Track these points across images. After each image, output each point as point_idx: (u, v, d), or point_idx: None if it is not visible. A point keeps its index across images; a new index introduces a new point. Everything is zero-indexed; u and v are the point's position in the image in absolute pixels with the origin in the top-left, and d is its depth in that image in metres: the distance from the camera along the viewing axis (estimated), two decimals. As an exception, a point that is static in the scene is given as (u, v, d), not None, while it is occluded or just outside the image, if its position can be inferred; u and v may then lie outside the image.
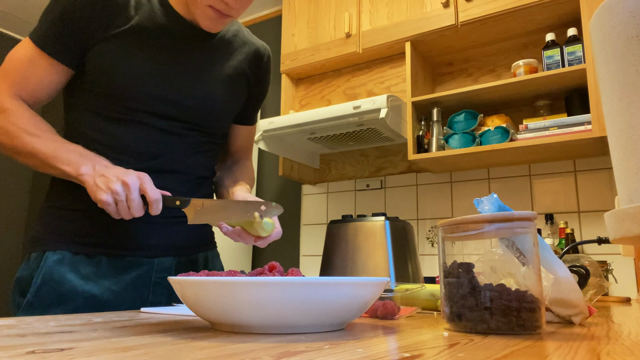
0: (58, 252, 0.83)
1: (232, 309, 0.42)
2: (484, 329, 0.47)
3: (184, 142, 0.90)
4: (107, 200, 0.72)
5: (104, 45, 0.83)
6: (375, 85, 2.20)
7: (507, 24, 1.88)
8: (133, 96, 0.84)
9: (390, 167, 2.33)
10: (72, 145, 0.79)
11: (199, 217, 0.78)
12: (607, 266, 1.57)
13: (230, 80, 0.97)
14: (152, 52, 0.86)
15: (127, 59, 0.83)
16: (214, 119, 0.94)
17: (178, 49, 0.89)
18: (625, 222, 0.35)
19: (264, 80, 1.07)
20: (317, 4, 2.32)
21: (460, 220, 0.51)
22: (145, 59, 0.85)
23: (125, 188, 0.72)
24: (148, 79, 0.85)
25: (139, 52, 0.84)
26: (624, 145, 0.36)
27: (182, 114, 0.89)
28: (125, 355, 0.31)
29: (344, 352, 0.34)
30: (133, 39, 0.84)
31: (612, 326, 0.56)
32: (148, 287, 0.88)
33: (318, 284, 0.42)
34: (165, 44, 0.87)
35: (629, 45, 0.36)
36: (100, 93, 0.85)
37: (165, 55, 0.87)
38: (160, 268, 0.89)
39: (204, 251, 0.99)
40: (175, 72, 0.88)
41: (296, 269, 0.55)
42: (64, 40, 0.82)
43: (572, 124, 1.65)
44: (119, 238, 0.85)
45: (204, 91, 0.91)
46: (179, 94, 0.88)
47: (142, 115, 0.85)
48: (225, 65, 0.96)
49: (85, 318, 0.56)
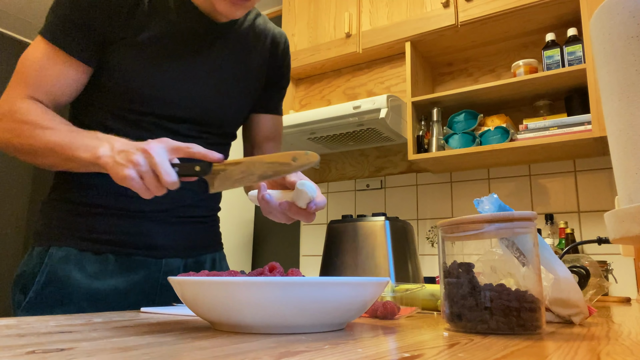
0: (63, 248, 0.80)
1: (232, 309, 0.42)
2: (484, 329, 0.47)
3: (200, 144, 0.87)
4: (129, 175, 0.62)
5: (119, 44, 0.80)
6: (375, 85, 2.20)
7: (507, 24, 1.88)
8: (146, 101, 0.82)
9: (390, 167, 2.33)
10: (88, 132, 0.72)
11: (223, 183, 0.66)
12: (607, 266, 1.57)
13: (246, 78, 0.94)
14: (167, 56, 0.83)
15: (141, 63, 0.81)
16: (230, 120, 0.93)
17: (193, 50, 0.86)
18: (625, 222, 0.35)
19: (283, 69, 1.03)
20: (317, 4, 2.32)
21: (460, 220, 0.51)
22: (159, 64, 0.82)
23: (146, 155, 0.62)
24: (161, 85, 0.82)
25: (154, 57, 0.81)
26: (624, 145, 0.36)
27: (197, 117, 0.87)
28: (125, 355, 0.31)
29: (344, 352, 0.34)
30: (148, 41, 0.81)
31: (612, 326, 0.56)
32: (155, 289, 0.86)
33: (318, 284, 0.42)
34: (180, 46, 0.84)
35: (629, 45, 0.36)
36: (111, 94, 0.82)
37: (180, 59, 0.84)
38: (167, 269, 0.88)
39: (212, 252, 0.97)
40: (189, 78, 0.85)
41: (296, 269, 0.55)
42: (78, 34, 0.77)
43: (572, 124, 1.65)
44: (127, 235, 0.83)
45: (220, 93, 0.89)
46: (193, 99, 0.86)
47: (154, 119, 0.83)
48: (241, 62, 0.93)
49: (85, 318, 0.56)
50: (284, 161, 0.64)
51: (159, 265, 0.87)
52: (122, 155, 0.63)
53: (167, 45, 0.83)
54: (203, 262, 0.94)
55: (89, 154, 0.67)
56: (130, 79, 0.80)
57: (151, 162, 0.62)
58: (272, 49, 0.99)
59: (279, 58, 1.01)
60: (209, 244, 0.96)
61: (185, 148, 0.65)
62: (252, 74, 0.95)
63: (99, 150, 0.66)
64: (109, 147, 0.66)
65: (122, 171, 0.62)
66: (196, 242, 0.92)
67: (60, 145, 0.70)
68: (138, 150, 0.63)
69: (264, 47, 0.97)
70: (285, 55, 1.03)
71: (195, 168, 0.65)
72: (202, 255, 0.95)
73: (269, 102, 1.03)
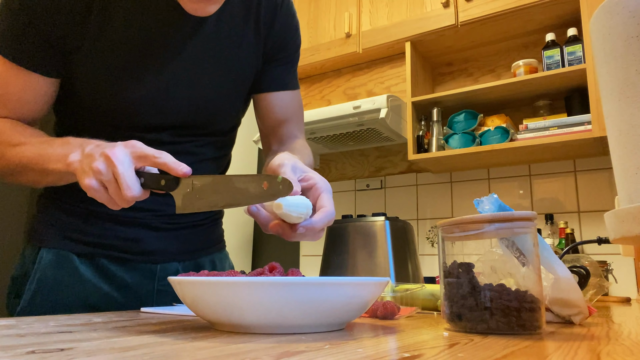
0: (54, 250, 0.76)
1: (232, 309, 0.42)
2: (484, 329, 0.47)
3: (190, 148, 0.80)
4: (90, 185, 0.54)
5: (78, 54, 0.70)
6: (375, 85, 2.20)
7: (507, 24, 1.88)
8: (118, 115, 0.73)
9: (390, 167, 2.33)
10: (60, 139, 0.65)
11: (190, 204, 0.57)
12: (607, 266, 1.57)
13: (234, 65, 0.80)
14: (134, 61, 0.72)
15: (104, 74, 0.71)
16: (219, 119, 0.83)
17: (164, 48, 0.73)
18: (625, 222, 0.35)
19: (287, 34, 0.85)
20: (317, 4, 2.32)
21: (460, 220, 0.51)
22: (125, 72, 0.72)
23: (108, 163, 0.54)
24: (131, 96, 0.73)
25: (117, 65, 0.71)
26: (624, 145, 0.36)
27: (178, 123, 0.78)
28: (125, 355, 0.31)
29: (344, 352, 0.34)
30: (110, 47, 0.70)
31: (612, 326, 0.56)
32: (152, 295, 0.82)
33: (318, 284, 0.42)
34: (149, 47, 0.72)
35: (629, 45, 0.36)
36: (80, 109, 0.74)
37: (150, 61, 0.73)
38: (163, 275, 0.83)
39: (211, 254, 0.91)
40: (163, 81, 0.74)
41: (296, 269, 0.55)
42: (33, 47, 0.68)
43: (572, 124, 1.65)
44: (120, 240, 0.79)
45: (203, 91, 0.78)
46: (171, 105, 0.76)
47: (130, 132, 0.74)
48: (226, 48, 0.78)
49: (85, 318, 0.56)
50: (254, 191, 0.54)
51: (154, 271, 0.82)
52: (87, 162, 0.56)
53: (133, 49, 0.72)
54: (202, 265, 0.89)
55: (61, 164, 0.61)
56: (95, 91, 0.72)
57: (114, 171, 0.54)
58: (268, 13, 0.82)
59: (278, 22, 0.83)
60: (207, 245, 0.91)
61: (152, 157, 0.55)
62: (241, 58, 0.81)
63: (69, 157, 0.59)
64: (80, 151, 0.59)
65: (84, 180, 0.55)
66: (194, 245, 0.87)
67: (33, 161, 0.64)
68: (101, 157, 0.55)
69: (257, 14, 0.81)
70: (286, 15, 0.84)
71: (160, 182, 0.57)
72: (201, 257, 0.89)
73: (274, 78, 0.86)
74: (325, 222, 0.58)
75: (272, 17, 0.82)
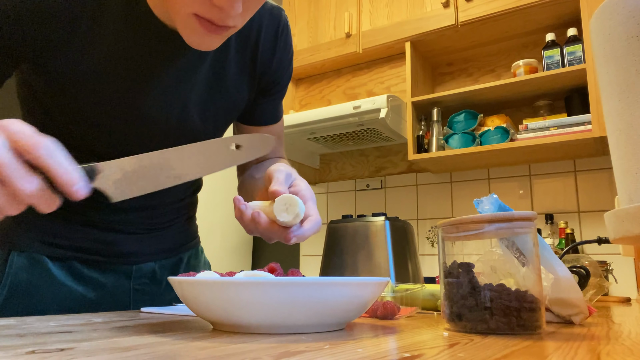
0: (25, 254, 0.73)
1: (232, 309, 0.42)
2: (484, 329, 0.47)
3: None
4: None
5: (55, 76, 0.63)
6: (375, 85, 2.21)
7: (507, 24, 1.88)
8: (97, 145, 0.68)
9: (390, 167, 2.33)
10: None
11: (123, 188, 0.47)
12: (607, 266, 1.57)
13: (228, 102, 0.77)
14: (114, 89, 0.65)
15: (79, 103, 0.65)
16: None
17: (148, 73, 0.66)
18: (625, 222, 0.35)
19: (283, 71, 0.82)
20: (317, 4, 2.32)
21: (460, 220, 0.51)
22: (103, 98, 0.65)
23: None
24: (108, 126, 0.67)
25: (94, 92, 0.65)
26: (624, 145, 0.36)
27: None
28: (125, 355, 0.31)
29: (344, 352, 0.34)
30: (94, 64, 0.63)
31: (612, 326, 0.56)
32: (127, 295, 0.81)
33: (318, 284, 0.42)
34: (132, 71, 0.65)
35: (629, 45, 0.36)
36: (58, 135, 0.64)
37: (130, 88, 0.66)
38: (139, 275, 0.82)
39: (187, 250, 0.90)
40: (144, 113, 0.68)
41: (296, 270, 0.55)
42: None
43: (572, 124, 1.65)
44: (92, 242, 0.76)
45: (187, 122, 0.72)
46: (153, 136, 0.71)
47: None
48: (221, 81, 0.74)
49: (85, 318, 0.56)
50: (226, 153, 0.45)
51: (130, 271, 0.81)
52: None
53: (114, 73, 0.65)
54: (178, 262, 0.88)
55: None
56: (72, 120, 0.67)
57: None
58: (264, 53, 0.78)
59: (274, 61, 0.80)
60: (183, 242, 0.89)
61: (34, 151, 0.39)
62: (234, 94, 0.77)
63: None
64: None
65: None
66: (169, 244, 0.86)
67: None
68: None
69: (252, 56, 0.77)
70: (283, 41, 0.80)
71: None
72: (177, 255, 0.88)
73: (266, 111, 0.84)
74: (314, 231, 0.60)
75: (270, 53, 0.79)
